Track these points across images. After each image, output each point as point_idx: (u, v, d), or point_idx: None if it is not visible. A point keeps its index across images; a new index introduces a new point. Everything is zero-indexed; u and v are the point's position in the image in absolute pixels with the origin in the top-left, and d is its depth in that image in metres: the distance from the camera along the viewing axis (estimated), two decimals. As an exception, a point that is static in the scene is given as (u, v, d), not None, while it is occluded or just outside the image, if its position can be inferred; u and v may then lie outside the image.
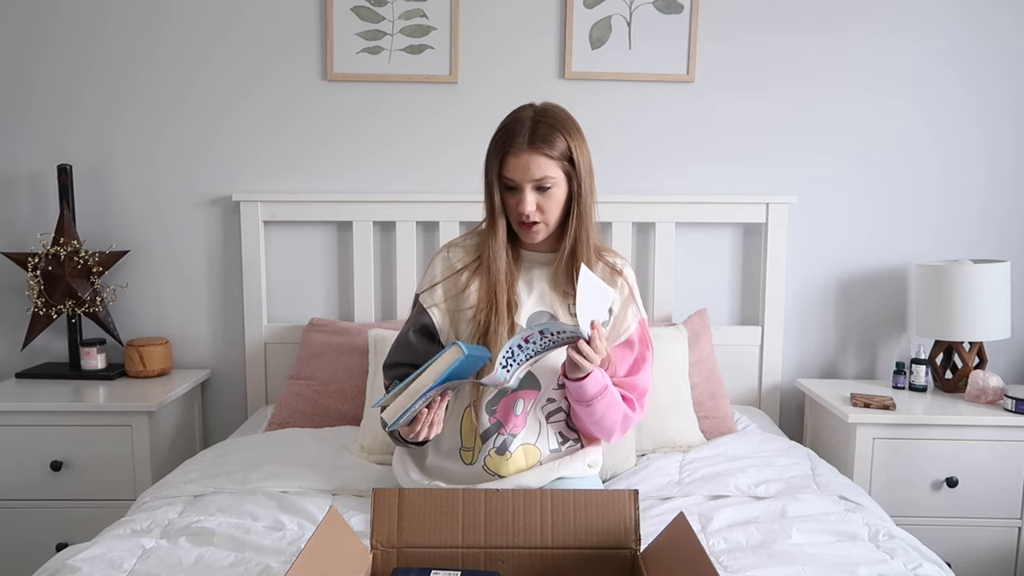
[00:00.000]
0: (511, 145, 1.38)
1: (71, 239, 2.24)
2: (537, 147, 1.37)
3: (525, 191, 1.40)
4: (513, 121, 1.41)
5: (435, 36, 2.30)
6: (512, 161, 1.39)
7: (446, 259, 1.55)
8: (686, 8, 2.30)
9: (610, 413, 1.46)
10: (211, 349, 2.43)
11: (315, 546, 1.03)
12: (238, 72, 2.32)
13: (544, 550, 1.17)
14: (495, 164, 1.41)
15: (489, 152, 1.43)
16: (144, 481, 2.06)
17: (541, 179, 1.39)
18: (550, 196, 1.41)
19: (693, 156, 2.38)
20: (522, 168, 1.38)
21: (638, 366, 1.54)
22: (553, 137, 1.38)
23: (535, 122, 1.39)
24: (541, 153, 1.38)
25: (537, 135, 1.38)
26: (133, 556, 1.34)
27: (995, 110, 2.37)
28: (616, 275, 1.54)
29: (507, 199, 1.45)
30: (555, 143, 1.38)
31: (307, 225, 2.38)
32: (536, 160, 1.38)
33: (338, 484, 1.65)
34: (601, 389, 1.42)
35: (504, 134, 1.41)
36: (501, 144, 1.40)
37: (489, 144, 1.44)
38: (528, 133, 1.38)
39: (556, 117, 1.42)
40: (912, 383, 2.27)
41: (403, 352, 1.52)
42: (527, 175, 1.39)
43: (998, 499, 2.07)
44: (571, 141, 1.40)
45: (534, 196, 1.41)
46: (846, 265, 2.43)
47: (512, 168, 1.39)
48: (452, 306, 1.50)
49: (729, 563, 1.34)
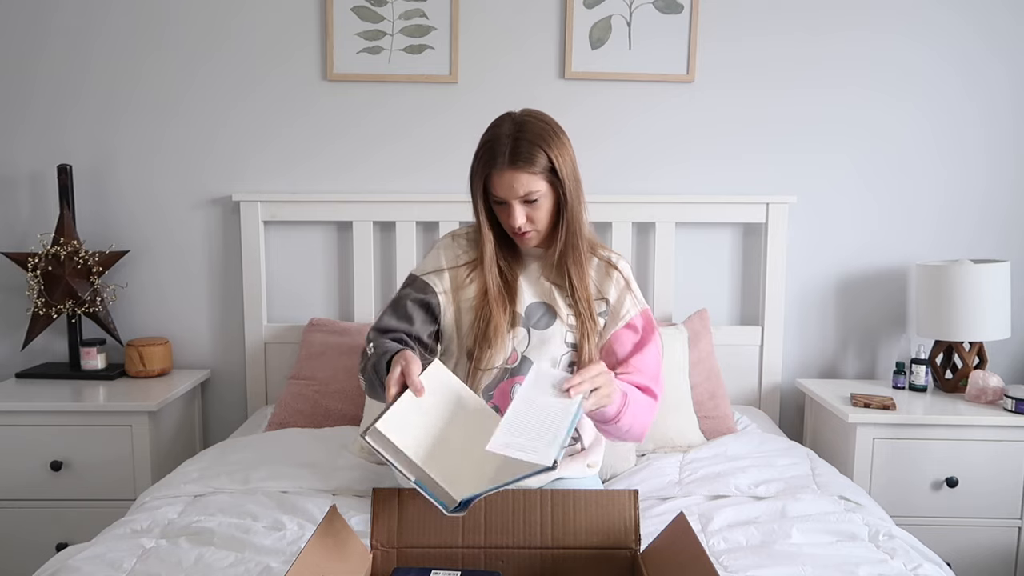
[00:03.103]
0: (493, 165, 1.39)
1: (71, 239, 2.24)
2: (519, 166, 1.37)
3: (513, 206, 1.41)
4: (492, 139, 1.40)
5: (435, 36, 2.30)
6: (496, 180, 1.40)
7: (451, 248, 1.55)
8: (686, 8, 2.30)
9: (638, 419, 1.43)
10: (211, 349, 2.43)
11: (315, 546, 1.03)
12: (238, 72, 2.33)
13: (544, 550, 1.17)
14: (479, 183, 1.42)
15: (472, 170, 1.43)
16: (144, 481, 2.06)
17: (526, 195, 1.40)
18: (538, 207, 1.42)
19: (693, 156, 2.38)
20: (506, 186, 1.39)
21: (641, 346, 1.51)
22: (533, 154, 1.37)
23: (515, 140, 1.38)
24: (523, 171, 1.37)
25: (517, 154, 1.37)
26: (133, 556, 1.34)
27: (995, 110, 2.38)
28: (611, 269, 1.54)
29: (498, 211, 1.46)
30: (536, 159, 1.38)
31: (307, 225, 2.38)
32: (519, 178, 1.38)
33: (338, 484, 1.65)
34: (621, 402, 1.38)
35: (485, 154, 1.40)
36: (483, 164, 1.40)
37: (472, 161, 1.44)
38: (508, 152, 1.37)
39: (535, 131, 1.39)
40: (912, 383, 2.27)
41: (399, 318, 1.48)
42: (512, 192, 1.39)
43: (998, 499, 2.07)
44: (551, 152, 1.39)
45: (523, 209, 1.41)
46: (846, 265, 2.43)
47: (497, 186, 1.40)
48: (456, 296, 1.50)
49: (729, 563, 1.34)
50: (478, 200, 1.45)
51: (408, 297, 1.50)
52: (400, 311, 1.49)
